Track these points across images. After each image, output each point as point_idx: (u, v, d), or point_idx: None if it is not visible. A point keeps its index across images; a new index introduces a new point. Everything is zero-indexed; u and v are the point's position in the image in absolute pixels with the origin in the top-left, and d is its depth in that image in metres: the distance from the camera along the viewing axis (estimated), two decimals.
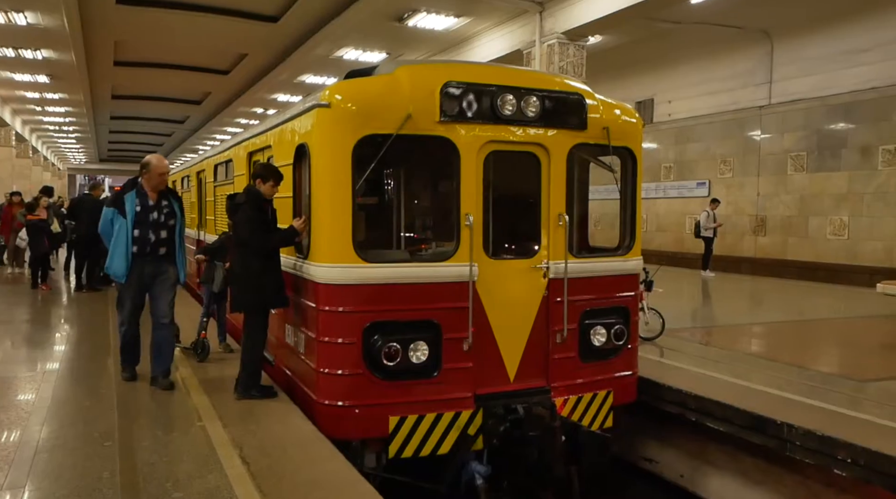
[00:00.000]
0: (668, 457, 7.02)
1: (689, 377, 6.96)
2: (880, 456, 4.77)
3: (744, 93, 20.41)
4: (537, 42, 16.34)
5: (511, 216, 6.45)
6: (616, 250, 6.52)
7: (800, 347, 9.14)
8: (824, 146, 17.95)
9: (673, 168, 23.04)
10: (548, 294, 5.86)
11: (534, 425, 5.40)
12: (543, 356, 5.86)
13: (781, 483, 5.85)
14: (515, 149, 5.76)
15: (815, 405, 5.99)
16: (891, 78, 15.96)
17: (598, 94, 6.25)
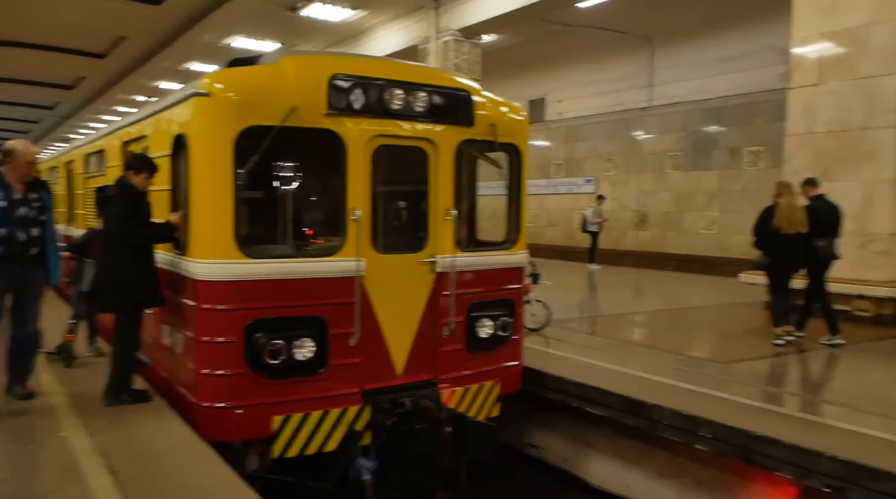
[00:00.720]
0: (553, 443, 7.28)
1: (572, 365, 7.26)
2: (735, 430, 5.17)
3: (628, 95, 21.37)
4: (433, 38, 16.49)
5: (399, 211, 6.49)
6: (502, 244, 6.69)
7: (674, 333, 9.70)
8: (699, 147, 19.08)
9: (563, 165, 23.82)
10: (435, 288, 5.94)
11: (421, 418, 5.47)
12: (431, 349, 5.94)
13: (654, 461, 6.21)
14: (403, 143, 5.79)
15: (684, 387, 6.39)
16: (756, 85, 17.15)
17: (486, 92, 6.39)
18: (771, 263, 8.50)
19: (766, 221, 8.37)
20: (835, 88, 10.32)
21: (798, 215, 8.27)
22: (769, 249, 8.44)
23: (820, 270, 8.61)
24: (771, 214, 8.36)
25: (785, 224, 8.21)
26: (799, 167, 10.83)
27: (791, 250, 8.30)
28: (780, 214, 8.25)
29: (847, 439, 5.02)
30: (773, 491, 5.26)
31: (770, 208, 8.44)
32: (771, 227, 8.28)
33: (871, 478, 4.40)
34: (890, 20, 9.68)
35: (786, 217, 8.22)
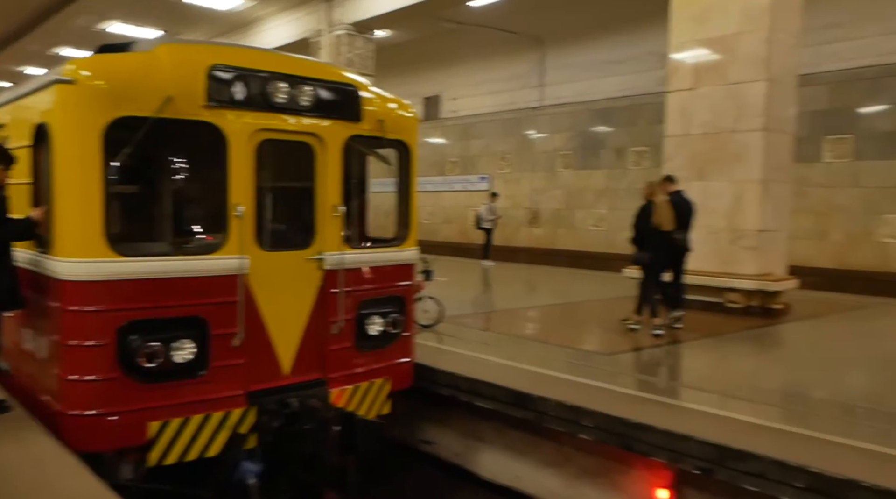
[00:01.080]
0: (445, 437, 7.34)
1: (463, 361, 7.34)
2: (614, 419, 5.39)
3: (520, 94, 21.88)
4: (325, 32, 16.24)
5: (286, 207, 6.34)
6: (392, 241, 6.66)
7: (563, 327, 10.00)
8: (587, 146, 19.80)
9: (458, 163, 24.09)
10: (323, 285, 5.84)
11: (308, 418, 5.37)
12: (319, 348, 5.84)
13: (541, 451, 6.37)
14: (289, 138, 5.65)
15: (569, 379, 6.60)
16: (640, 88, 17.97)
17: (374, 87, 6.34)
18: (654, 259, 8.94)
19: (646, 219, 8.80)
20: (708, 93, 10.95)
21: (671, 213, 8.77)
22: (648, 246, 8.87)
23: (680, 261, 9.27)
24: (648, 211, 8.80)
25: (663, 221, 8.68)
26: (677, 167, 11.41)
27: (665, 246, 8.80)
28: (658, 212, 8.69)
29: (716, 424, 5.32)
30: (650, 475, 5.51)
31: (647, 206, 8.89)
32: (650, 224, 8.71)
33: (736, 459, 4.69)
34: (756, 30, 10.37)
35: (663, 214, 8.69)
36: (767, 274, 10.73)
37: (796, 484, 4.41)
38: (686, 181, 11.20)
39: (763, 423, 5.40)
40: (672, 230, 8.79)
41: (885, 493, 4.05)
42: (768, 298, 10.70)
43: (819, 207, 15.33)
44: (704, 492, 5.15)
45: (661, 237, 8.74)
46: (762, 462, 4.58)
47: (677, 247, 9.03)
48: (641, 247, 9.02)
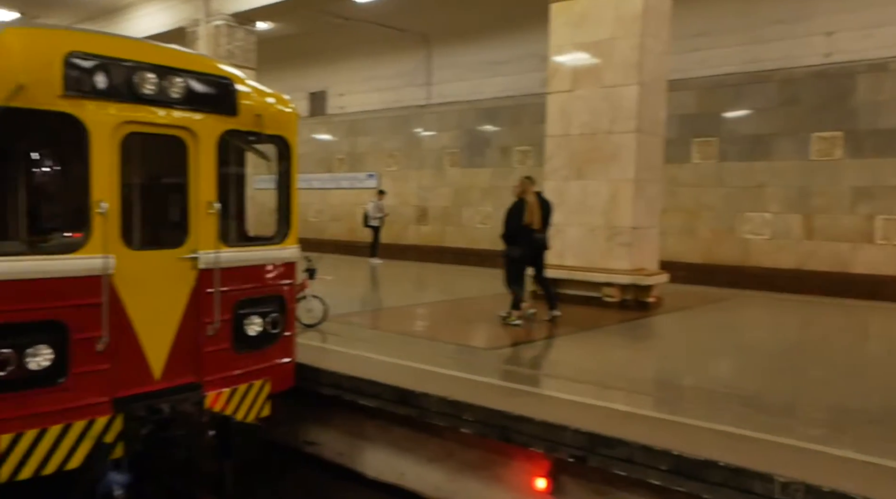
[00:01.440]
0: (328, 438, 7.24)
1: (347, 360, 7.27)
2: (494, 412, 5.50)
3: (408, 92, 21.93)
4: (202, 21, 15.61)
5: (157, 204, 6.05)
6: (272, 239, 6.50)
7: (448, 324, 10.11)
8: (474, 145, 20.12)
9: (346, 160, 23.86)
10: (198, 285, 5.62)
11: (180, 424, 5.15)
12: (194, 351, 5.61)
13: (425, 447, 6.40)
14: (158, 131, 5.39)
15: (452, 375, 6.68)
16: (523, 88, 18.44)
17: (251, 81, 6.17)
18: (523, 255, 9.29)
19: (518, 217, 9.11)
20: (585, 95, 11.39)
21: (538, 212, 9.26)
22: (520, 242, 9.19)
23: (542, 258, 9.74)
24: (520, 209, 9.11)
25: (533, 220, 9.16)
26: (558, 166, 11.83)
27: (532, 243, 9.27)
28: (530, 211, 9.13)
29: (591, 413, 5.54)
30: (529, 466, 5.66)
31: (518, 204, 9.20)
32: (522, 221, 9.05)
33: (607, 446, 4.90)
34: (628, 36, 10.88)
35: (533, 213, 9.16)
36: (641, 269, 11.30)
37: (661, 467, 4.66)
38: (566, 180, 11.65)
39: (633, 411, 5.68)
40: (538, 229, 9.24)
41: (739, 471, 4.33)
42: (642, 291, 11.26)
43: (688, 205, 16.31)
44: (579, 479, 5.34)
45: (531, 234, 9.15)
46: (630, 448, 4.80)
47: (539, 245, 9.47)
48: (512, 243, 9.31)
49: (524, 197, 9.21)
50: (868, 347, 9.65)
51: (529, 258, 9.50)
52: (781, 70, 15.27)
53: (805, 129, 14.99)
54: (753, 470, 4.29)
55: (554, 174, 11.87)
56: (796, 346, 9.32)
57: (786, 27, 15.20)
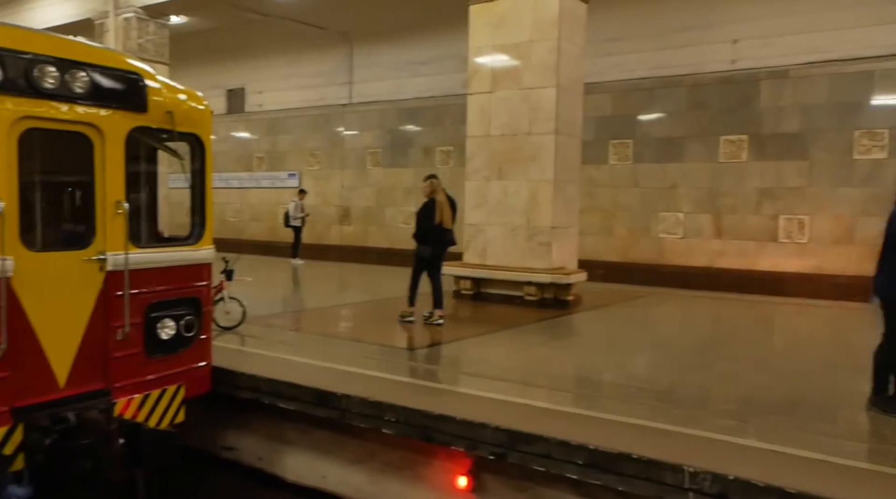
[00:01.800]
0: (247, 442, 7.09)
1: (266, 362, 7.14)
2: (415, 411, 5.52)
3: (329, 90, 21.67)
4: (111, 13, 14.98)
5: (60, 204, 5.78)
6: (186, 240, 6.31)
7: (370, 324, 10.07)
8: (396, 145, 20.08)
9: (265, 159, 23.37)
10: (106, 288, 5.40)
11: (87, 433, 4.94)
12: (102, 356, 5.39)
13: (346, 449, 6.36)
14: (61, 128, 5.14)
15: (373, 375, 6.65)
16: (445, 89, 18.52)
17: (162, 77, 5.97)
18: (431, 253, 9.43)
19: (430, 216, 9.29)
20: (505, 96, 11.56)
21: (449, 211, 9.41)
22: (431, 241, 9.36)
23: (442, 253, 9.78)
24: (432, 209, 9.31)
25: (444, 219, 9.31)
26: (479, 166, 11.95)
27: (443, 241, 9.44)
28: (440, 210, 9.28)
29: (511, 411, 5.61)
30: (451, 464, 5.69)
31: (430, 204, 9.37)
32: (433, 221, 9.27)
33: (525, 442, 4.98)
34: (545, 39, 11.10)
35: (444, 212, 9.31)
36: (560, 268, 11.55)
37: (578, 461, 4.78)
38: (487, 180, 11.79)
39: (552, 407, 5.79)
40: (449, 229, 9.42)
41: (651, 462, 4.49)
42: (561, 290, 11.51)
43: (606, 205, 16.76)
44: (500, 476, 5.42)
45: (442, 233, 9.32)
46: (549, 443, 4.90)
47: (450, 243, 9.64)
48: (423, 242, 9.46)
49: (434, 197, 9.37)
50: (772, 342, 10.18)
51: (442, 256, 9.68)
52: (691, 75, 15.91)
53: (713, 132, 15.66)
54: (665, 461, 4.45)
55: (475, 174, 11.99)
56: (706, 341, 9.74)
57: (694, 34, 15.84)
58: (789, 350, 9.24)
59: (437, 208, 9.28)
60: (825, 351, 8.93)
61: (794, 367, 7.73)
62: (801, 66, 14.67)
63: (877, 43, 13.88)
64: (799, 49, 14.71)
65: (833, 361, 8.12)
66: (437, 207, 9.30)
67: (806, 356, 8.52)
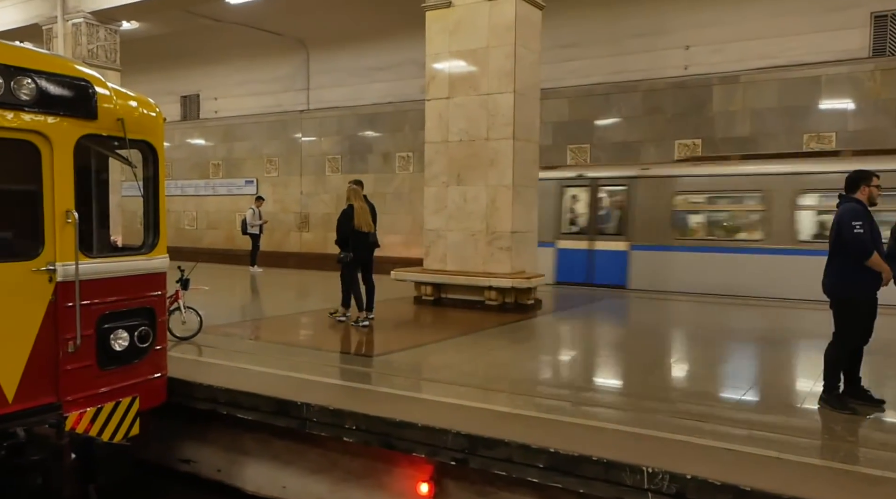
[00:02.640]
0: (205, 454, 6.96)
1: (222, 372, 7.03)
2: (375, 419, 5.49)
3: (286, 96, 21.52)
4: (59, 18, 14.63)
5: (7, 213, 5.61)
6: (139, 249, 6.19)
7: (331, 331, 9.99)
8: (355, 151, 20.03)
9: (222, 165, 23.09)
10: (55, 299, 5.26)
11: (37, 449, 4.79)
12: (52, 369, 5.25)
13: (307, 458, 6.29)
14: (6, 135, 5.00)
15: (334, 384, 6.62)
16: (404, 95, 18.56)
17: (112, 83, 5.85)
18: (356, 258, 9.89)
19: (348, 222, 9.80)
20: (463, 102, 11.60)
21: (368, 216, 9.93)
22: (352, 246, 9.83)
23: (370, 256, 10.21)
24: (350, 216, 9.80)
25: (363, 224, 9.77)
26: (437, 172, 11.97)
27: (365, 245, 9.90)
28: (359, 215, 9.78)
29: (473, 415, 5.63)
30: (412, 471, 5.68)
31: (348, 210, 9.88)
32: (353, 226, 9.74)
33: (486, 447, 5.00)
34: (501, 45, 11.19)
35: (362, 218, 9.78)
36: (521, 272, 11.62)
37: (539, 465, 4.81)
38: (446, 186, 11.81)
39: (512, 411, 5.82)
40: (369, 232, 9.90)
41: (611, 464, 4.54)
42: (522, 294, 11.58)
43: None
44: (462, 481, 5.42)
45: (363, 237, 9.79)
46: (510, 447, 4.93)
47: (373, 246, 10.09)
48: (344, 247, 9.91)
49: (353, 202, 9.86)
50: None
51: (365, 259, 10.07)
52: (646, 81, 16.22)
53: (669, 136, 15.99)
54: (624, 462, 4.51)
55: (434, 180, 12.01)
56: (673, 343, 9.90)
57: (648, 40, 16.17)
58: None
59: (355, 214, 9.73)
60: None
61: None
62: (752, 71, 15.10)
63: (823, 49, 14.36)
64: (749, 55, 15.15)
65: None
66: (355, 212, 9.75)
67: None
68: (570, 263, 15.16)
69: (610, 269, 14.69)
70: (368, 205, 10.13)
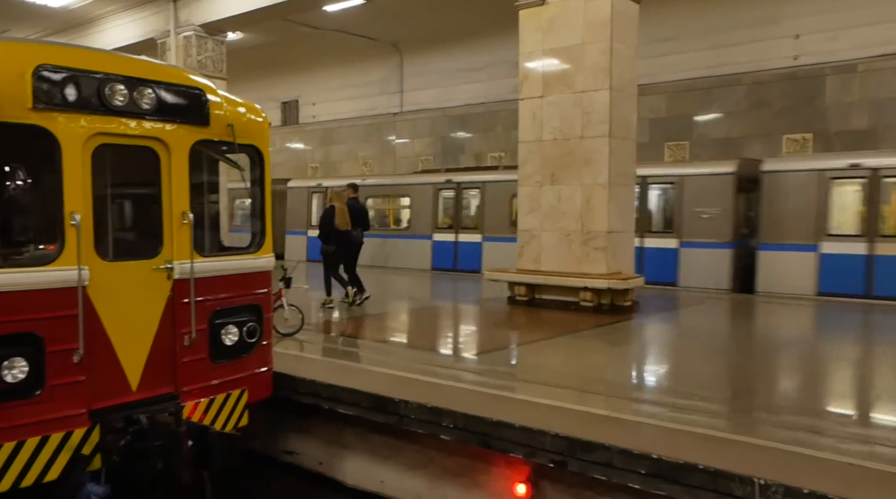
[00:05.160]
0: (308, 447, 7.21)
1: (323, 368, 7.27)
2: (473, 418, 5.52)
3: (380, 100, 21.96)
4: (172, 32, 15.51)
5: (131, 215, 6.01)
6: (247, 249, 6.48)
7: (428, 330, 10.15)
8: (448, 151, 20.19)
9: (320, 168, 23.78)
10: (173, 295, 5.59)
11: (158, 435, 5.11)
12: (170, 361, 5.58)
13: (404, 454, 6.40)
14: (130, 143, 5.36)
15: (430, 381, 6.69)
16: (495, 95, 18.56)
17: (223, 91, 6.16)
18: (334, 251, 11.49)
19: (330, 221, 11.40)
20: (557, 100, 11.49)
21: (347, 216, 11.50)
22: (333, 241, 11.42)
23: (355, 251, 11.99)
24: (332, 215, 11.43)
25: (341, 222, 11.35)
26: (531, 172, 11.91)
27: (343, 241, 11.51)
28: (339, 216, 11.36)
29: (571, 418, 5.56)
30: (509, 471, 5.68)
31: (329, 210, 11.55)
32: (333, 225, 11.32)
33: (585, 450, 4.93)
34: (597, 41, 11.00)
35: (341, 217, 11.36)
36: (617, 273, 11.40)
37: (641, 471, 4.70)
38: (539, 186, 11.73)
39: (611, 414, 5.72)
40: (349, 230, 11.48)
41: (719, 473, 4.36)
42: (618, 295, 11.36)
43: None
44: (559, 484, 5.37)
45: (344, 234, 11.43)
46: (610, 452, 4.84)
47: (354, 242, 11.79)
48: (326, 242, 11.45)
49: (334, 204, 11.49)
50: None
51: (346, 254, 11.70)
52: (750, 73, 15.55)
53: (776, 131, 15.26)
54: (733, 472, 4.33)
55: (527, 180, 11.96)
56: (781, 348, 9.47)
57: (753, 30, 15.49)
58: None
59: (336, 214, 11.32)
60: None
61: None
62: (871, 59, 14.18)
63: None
64: (868, 41, 14.22)
65: None
66: (336, 212, 11.34)
67: None
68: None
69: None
70: (353, 207, 11.71)
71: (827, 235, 12.88)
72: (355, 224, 11.67)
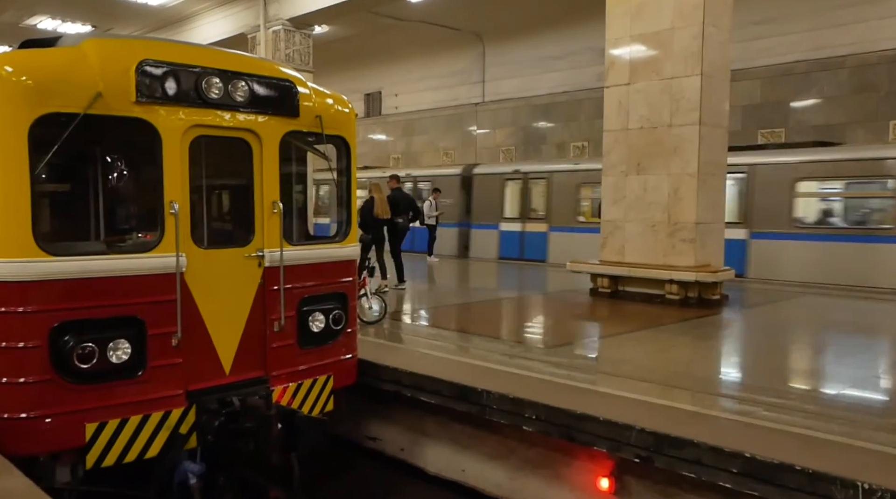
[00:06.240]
0: (390, 433, 7.33)
1: (405, 356, 7.35)
2: (556, 410, 5.47)
3: (462, 90, 21.96)
4: (262, 27, 15.98)
5: (224, 204, 6.24)
6: (333, 238, 6.62)
7: (507, 321, 10.12)
8: (529, 141, 20.01)
9: (401, 158, 24.03)
10: (263, 283, 5.77)
11: (249, 417, 5.30)
12: (261, 346, 5.77)
13: (485, 444, 6.42)
14: (224, 134, 5.55)
15: (512, 372, 6.67)
16: (578, 83, 18.24)
17: (311, 83, 6.29)
18: (372, 239, 11.97)
19: (370, 211, 11.93)
20: (644, 87, 11.18)
21: (386, 205, 12.18)
22: (371, 230, 11.91)
23: (398, 239, 12.71)
24: (371, 205, 12.00)
25: (381, 212, 11.98)
26: (616, 162, 11.66)
27: (381, 229, 12.22)
28: (378, 205, 11.98)
29: (656, 412, 5.44)
30: (592, 465, 5.61)
31: (369, 201, 12.10)
32: (373, 214, 11.90)
33: (673, 446, 4.81)
34: (688, 25, 10.63)
35: (381, 207, 12.00)
36: (705, 266, 11.03)
37: (732, 469, 4.54)
38: (625, 175, 11.47)
39: (700, 411, 5.55)
40: (390, 218, 12.18)
41: (817, 475, 4.17)
42: (706, 289, 11.00)
43: None
44: (644, 480, 5.27)
45: (382, 223, 12.14)
46: (699, 449, 4.70)
47: (399, 229, 12.61)
48: (365, 230, 11.62)
49: (375, 195, 12.08)
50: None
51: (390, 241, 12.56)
52: (854, 55, 14.67)
53: (882, 116, 14.36)
54: (833, 475, 4.13)
55: (612, 170, 11.71)
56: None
57: (857, 10, 14.60)
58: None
59: (375, 204, 11.95)
60: None
61: None
62: None
63: None
64: None
65: None
66: (375, 203, 11.98)
67: None
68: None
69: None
70: (395, 197, 12.50)
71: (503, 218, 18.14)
72: (397, 212, 12.38)
